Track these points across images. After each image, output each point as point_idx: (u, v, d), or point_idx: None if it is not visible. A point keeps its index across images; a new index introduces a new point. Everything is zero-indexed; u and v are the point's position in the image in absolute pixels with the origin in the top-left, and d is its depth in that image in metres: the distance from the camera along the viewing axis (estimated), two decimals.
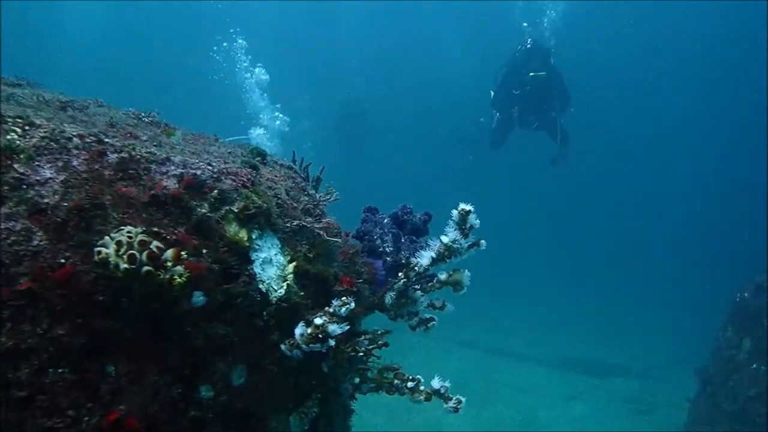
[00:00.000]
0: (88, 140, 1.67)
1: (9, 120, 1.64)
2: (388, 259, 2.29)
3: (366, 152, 21.68)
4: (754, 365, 8.77)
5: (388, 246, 2.31)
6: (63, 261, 1.49)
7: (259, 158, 2.16)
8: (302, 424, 1.88)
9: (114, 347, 1.54)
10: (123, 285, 1.51)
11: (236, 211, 1.75)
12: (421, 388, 2.01)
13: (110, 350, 1.53)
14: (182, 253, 1.55)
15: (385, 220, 2.42)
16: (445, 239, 2.07)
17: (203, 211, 1.69)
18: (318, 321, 1.70)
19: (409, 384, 2.01)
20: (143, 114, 2.37)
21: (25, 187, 1.54)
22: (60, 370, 1.48)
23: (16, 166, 1.57)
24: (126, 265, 1.46)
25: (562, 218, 24.85)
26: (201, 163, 1.80)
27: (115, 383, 1.53)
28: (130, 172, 1.67)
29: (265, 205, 1.80)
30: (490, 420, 9.90)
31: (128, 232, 1.51)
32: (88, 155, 1.64)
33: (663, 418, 11.67)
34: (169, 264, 1.51)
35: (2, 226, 1.48)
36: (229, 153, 2.13)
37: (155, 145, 1.83)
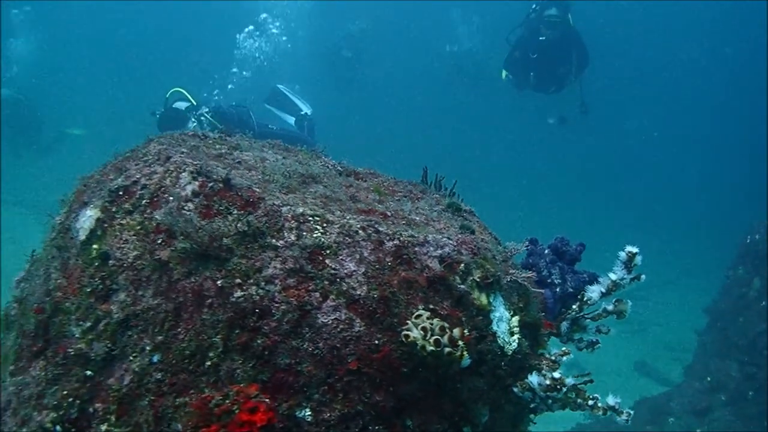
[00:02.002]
0: (369, 231, 2.02)
1: (310, 218, 1.98)
2: (557, 290, 2.70)
3: (361, 90, 21.46)
4: (764, 303, 9.47)
5: (556, 278, 2.71)
6: (377, 342, 1.89)
7: (458, 211, 2.52)
8: None
9: (410, 406, 1.96)
10: (421, 358, 1.91)
11: (478, 280, 2.13)
12: (599, 404, 2.47)
13: (408, 408, 1.95)
14: (464, 331, 1.95)
15: (546, 251, 2.81)
16: (613, 276, 2.49)
17: (462, 287, 2.07)
18: (556, 375, 2.13)
19: (590, 402, 2.46)
20: (338, 165, 2.71)
21: (338, 280, 1.91)
22: (377, 428, 1.90)
23: (327, 261, 1.93)
24: (432, 348, 1.86)
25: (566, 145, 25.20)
26: (444, 238, 2.15)
27: None
28: (404, 257, 2.03)
29: (498, 272, 2.18)
30: None
31: (427, 318, 1.90)
32: (372, 246, 2.00)
33: (654, 338, 12.49)
34: (460, 342, 1.91)
35: (332, 317, 1.86)
36: (434, 211, 2.48)
37: (403, 224, 2.19)
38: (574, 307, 2.56)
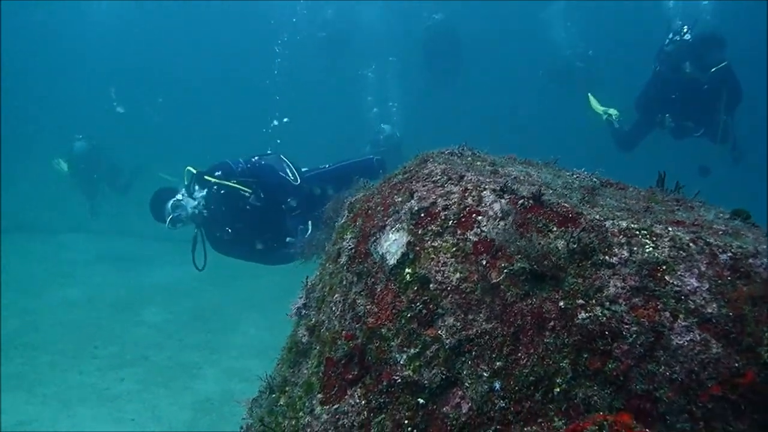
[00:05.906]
0: (699, 243, 1.85)
1: (637, 232, 1.84)
2: None
3: (458, 83, 20.48)
4: None
5: None
6: (737, 366, 1.70)
7: (747, 219, 2.31)
8: None
9: None
10: None
11: None
12: None
13: None
14: None
15: None
16: None
17: None
18: None
19: None
20: (592, 176, 2.56)
21: (683, 298, 1.75)
22: None
23: (667, 277, 1.77)
24: None
25: None
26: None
27: None
28: (741, 270, 1.84)
29: None
30: None
31: None
32: (707, 259, 1.83)
33: None
34: None
35: (687, 338, 1.70)
36: (726, 219, 2.28)
37: (721, 233, 2.00)
38: None
